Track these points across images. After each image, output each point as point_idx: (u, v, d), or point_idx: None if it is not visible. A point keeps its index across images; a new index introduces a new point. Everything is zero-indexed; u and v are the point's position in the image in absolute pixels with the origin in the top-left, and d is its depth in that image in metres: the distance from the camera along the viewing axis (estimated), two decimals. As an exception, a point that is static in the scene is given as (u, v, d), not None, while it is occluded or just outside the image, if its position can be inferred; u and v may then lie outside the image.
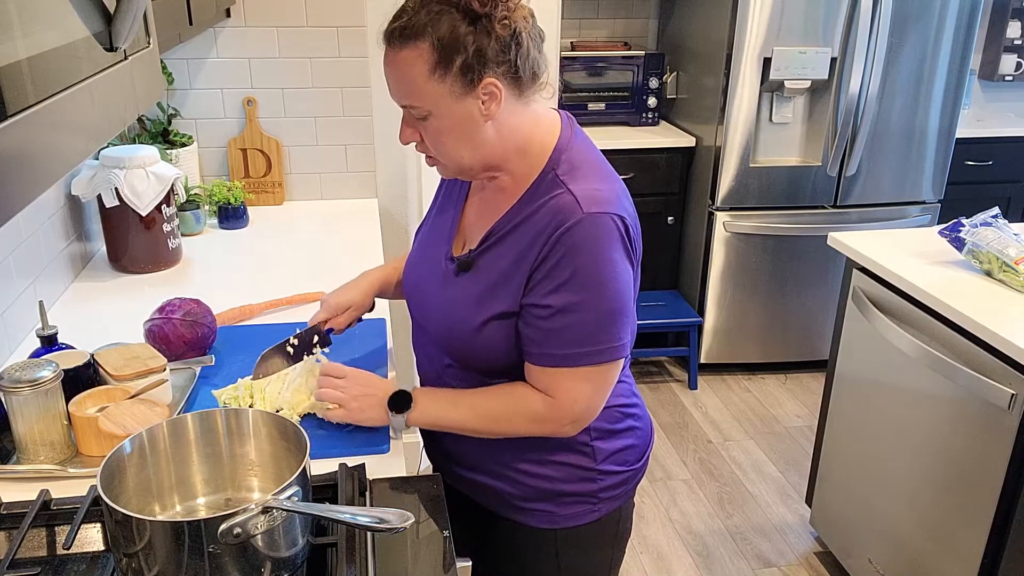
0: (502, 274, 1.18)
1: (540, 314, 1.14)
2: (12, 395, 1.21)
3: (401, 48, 1.09)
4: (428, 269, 1.30)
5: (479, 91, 1.10)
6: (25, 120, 0.67)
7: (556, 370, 1.16)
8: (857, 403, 2.26)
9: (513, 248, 1.17)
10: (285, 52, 2.40)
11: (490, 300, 1.19)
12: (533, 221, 1.16)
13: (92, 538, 1.11)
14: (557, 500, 1.31)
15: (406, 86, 1.11)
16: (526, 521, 1.33)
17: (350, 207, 2.53)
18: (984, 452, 1.81)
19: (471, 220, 1.28)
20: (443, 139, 1.14)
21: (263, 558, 0.95)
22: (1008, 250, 1.94)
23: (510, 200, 1.20)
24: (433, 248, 1.32)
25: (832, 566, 2.51)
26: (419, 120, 1.14)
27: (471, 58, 1.08)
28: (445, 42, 1.07)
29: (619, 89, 3.56)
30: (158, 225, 2.00)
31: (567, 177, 1.16)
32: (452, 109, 1.11)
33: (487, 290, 1.19)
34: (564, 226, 1.12)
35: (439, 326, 1.27)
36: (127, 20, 0.88)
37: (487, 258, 1.21)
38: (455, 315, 1.23)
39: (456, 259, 1.25)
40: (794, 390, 3.52)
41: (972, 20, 3.19)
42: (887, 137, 3.31)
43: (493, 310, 1.18)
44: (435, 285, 1.28)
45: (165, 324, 1.51)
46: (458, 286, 1.23)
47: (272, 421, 1.10)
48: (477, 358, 1.24)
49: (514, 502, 1.32)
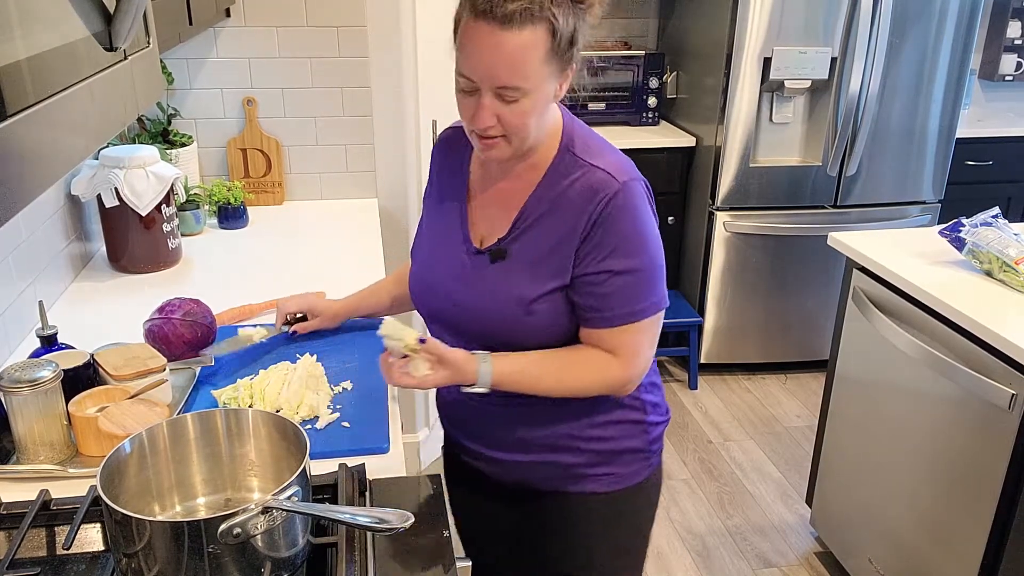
0: (545, 254, 1.21)
1: (597, 280, 1.20)
2: (12, 395, 1.21)
3: (521, 29, 1.08)
4: (447, 267, 1.30)
5: (567, 73, 1.16)
6: (25, 120, 0.67)
7: (619, 329, 1.22)
8: (857, 403, 2.26)
9: (552, 228, 1.21)
10: (285, 52, 2.40)
11: (537, 281, 1.22)
12: (568, 199, 1.20)
13: (92, 538, 1.11)
14: (618, 460, 1.35)
15: (518, 68, 1.10)
16: (588, 488, 1.35)
17: (350, 207, 2.53)
18: (984, 452, 1.81)
19: (486, 210, 1.29)
20: (527, 120, 1.15)
21: (263, 558, 0.95)
22: (1008, 250, 1.94)
23: (531, 183, 1.23)
24: (445, 246, 1.32)
25: (832, 566, 2.51)
26: (509, 103, 1.13)
27: (571, 42, 1.12)
28: (559, 26, 1.09)
29: (619, 89, 3.56)
30: (158, 225, 2.00)
31: (585, 154, 1.21)
32: (545, 90, 1.14)
33: (531, 272, 1.22)
34: (606, 198, 1.17)
35: (475, 318, 1.27)
36: (127, 20, 0.88)
37: (522, 243, 1.23)
38: (497, 303, 1.24)
39: (486, 250, 1.26)
40: (794, 390, 3.52)
41: (972, 20, 3.19)
42: (887, 137, 3.31)
43: (541, 289, 1.21)
44: (461, 281, 1.28)
45: (165, 324, 1.51)
46: (494, 275, 1.24)
47: (272, 421, 1.10)
48: (520, 342, 1.25)
49: (577, 472, 1.34)
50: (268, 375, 1.45)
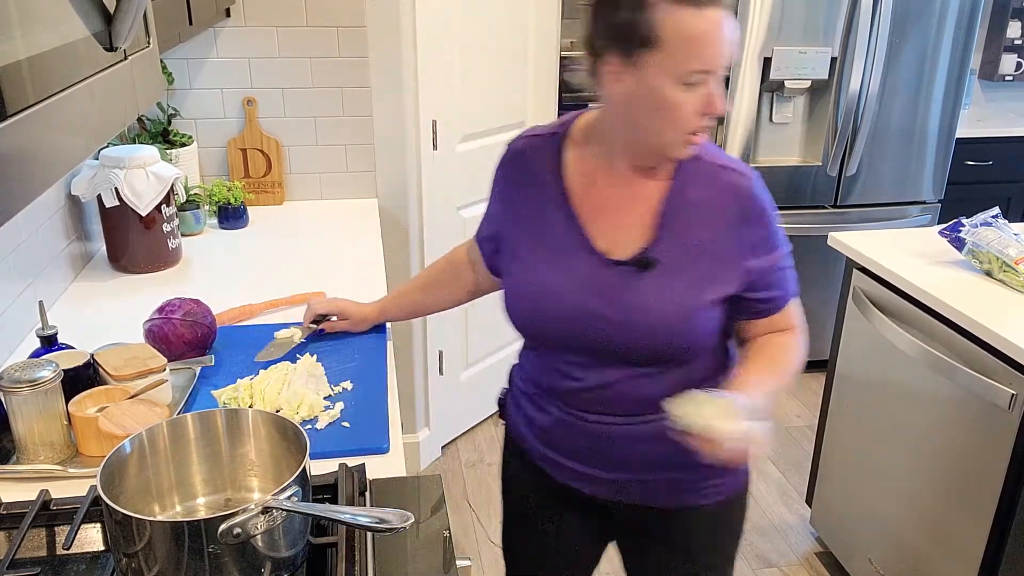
0: (697, 258, 1.19)
1: (771, 269, 1.23)
2: (12, 395, 1.21)
3: (726, 9, 1.09)
4: (578, 284, 1.22)
5: None
6: (25, 120, 0.67)
7: (791, 303, 1.29)
8: (857, 403, 2.26)
9: (699, 232, 1.19)
10: (285, 52, 2.40)
11: (696, 287, 1.20)
12: (710, 200, 1.20)
13: (92, 538, 1.11)
14: (723, 472, 1.32)
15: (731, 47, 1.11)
16: (700, 502, 1.34)
17: (350, 207, 2.53)
18: (984, 452, 1.81)
19: (605, 220, 1.23)
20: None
21: (263, 558, 0.95)
22: (1008, 250, 1.94)
23: (655, 189, 1.21)
24: (566, 262, 1.23)
25: (832, 566, 2.51)
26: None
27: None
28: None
29: (619, 89, 3.55)
30: (158, 225, 2.00)
31: (708, 155, 1.22)
32: None
33: (687, 278, 1.19)
34: (752, 194, 1.20)
35: (627, 333, 1.20)
36: (127, 20, 0.87)
37: (668, 250, 1.19)
38: (653, 315, 1.18)
39: (630, 261, 1.20)
40: (794, 390, 3.52)
41: (972, 20, 3.19)
42: (887, 137, 3.31)
43: (702, 294, 1.20)
44: (604, 297, 1.20)
45: (165, 324, 1.51)
46: (647, 286, 1.19)
47: (272, 421, 1.10)
48: (674, 351, 1.21)
49: (692, 486, 1.33)
50: (268, 375, 1.45)
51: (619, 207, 1.22)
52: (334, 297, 1.71)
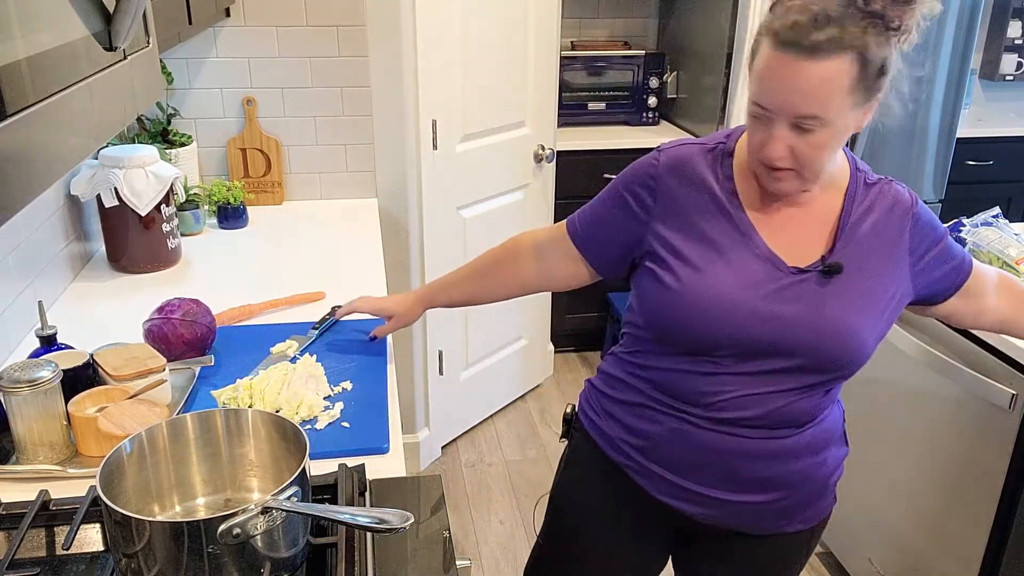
0: (875, 267, 1.23)
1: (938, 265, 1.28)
2: (11, 395, 1.21)
3: (828, 59, 1.04)
4: (758, 292, 1.20)
5: (870, 105, 1.12)
6: (24, 120, 0.67)
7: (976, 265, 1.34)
8: (857, 403, 2.26)
9: (874, 243, 1.23)
10: (285, 52, 2.40)
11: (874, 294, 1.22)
12: (876, 212, 1.24)
13: (91, 538, 1.11)
14: (821, 497, 1.33)
15: (820, 100, 1.07)
16: (793, 528, 1.33)
17: (350, 207, 2.53)
18: (984, 452, 1.81)
19: (781, 232, 1.23)
20: (823, 152, 1.12)
21: (263, 558, 0.95)
22: (1009, 250, 1.94)
23: (831, 205, 1.24)
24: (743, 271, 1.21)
25: (832, 566, 2.51)
26: (805, 132, 1.10)
27: (881, 71, 1.08)
28: (869, 57, 1.06)
29: (619, 89, 3.56)
30: (157, 225, 2.00)
31: (870, 173, 1.27)
32: (846, 121, 1.11)
33: (866, 285, 1.22)
34: (915, 209, 1.26)
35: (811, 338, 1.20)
36: (126, 20, 0.87)
37: (850, 255, 1.22)
38: (843, 320, 1.20)
39: (814, 268, 1.21)
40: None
41: (972, 20, 3.19)
42: (888, 137, 3.31)
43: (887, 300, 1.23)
44: (788, 304, 1.20)
45: (164, 324, 1.51)
46: (834, 291, 1.21)
47: (271, 421, 1.09)
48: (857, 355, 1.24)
49: (790, 511, 1.31)
50: (268, 375, 1.44)
51: (795, 222, 1.24)
52: (365, 297, 1.65)
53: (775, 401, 1.23)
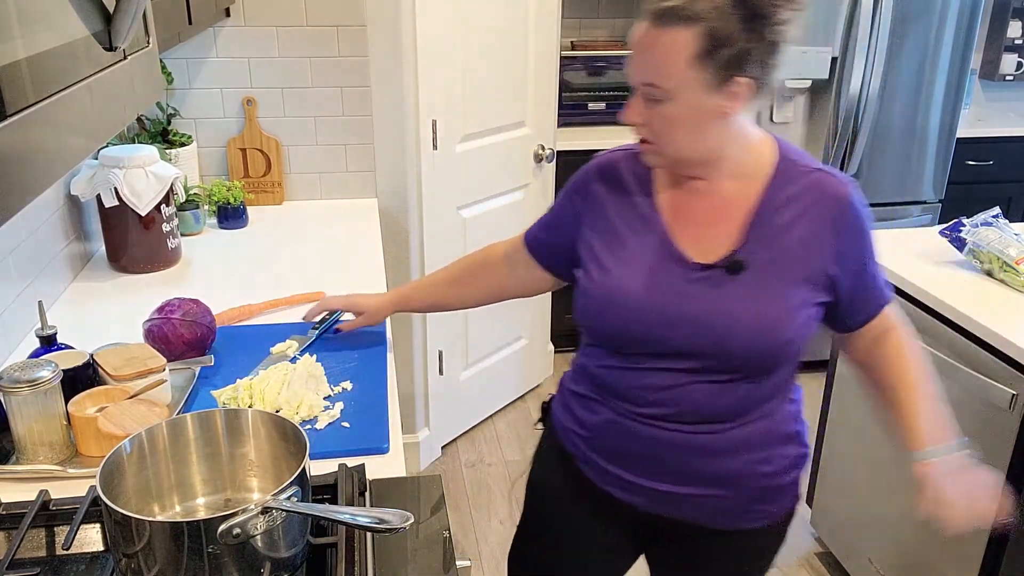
0: (793, 261, 1.19)
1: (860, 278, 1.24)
2: (11, 395, 1.21)
3: (668, 28, 1.09)
4: (664, 289, 1.22)
5: (728, 88, 1.12)
6: (24, 120, 0.67)
7: (890, 303, 1.31)
8: (857, 403, 2.26)
9: (794, 234, 1.19)
10: (285, 52, 2.40)
11: (789, 289, 1.19)
12: (801, 203, 1.20)
13: (91, 538, 1.11)
14: (774, 497, 1.32)
15: (659, 67, 1.11)
16: (742, 526, 1.33)
17: (350, 207, 2.53)
18: (985, 452, 1.81)
19: (692, 230, 1.23)
20: (673, 126, 1.15)
21: (262, 558, 0.95)
22: (1009, 250, 1.94)
23: (747, 197, 1.21)
24: (652, 268, 1.23)
25: (832, 566, 2.51)
26: (653, 102, 1.14)
27: (735, 55, 1.09)
28: (718, 33, 1.08)
29: (619, 89, 3.56)
30: (157, 225, 2.00)
31: (805, 162, 1.23)
32: (696, 99, 1.12)
33: (781, 281, 1.19)
34: (846, 201, 1.20)
35: (713, 336, 1.19)
36: (126, 20, 0.87)
37: (758, 251, 1.19)
38: (743, 318, 1.18)
39: (717, 264, 1.20)
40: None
41: (972, 20, 3.19)
42: (888, 137, 3.31)
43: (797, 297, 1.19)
44: (691, 301, 1.20)
45: (164, 324, 1.51)
46: (737, 288, 1.19)
47: (271, 421, 1.09)
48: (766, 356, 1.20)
49: (738, 507, 1.30)
50: (268, 375, 1.44)
51: (708, 216, 1.23)
52: (349, 293, 1.67)
53: (694, 397, 1.23)
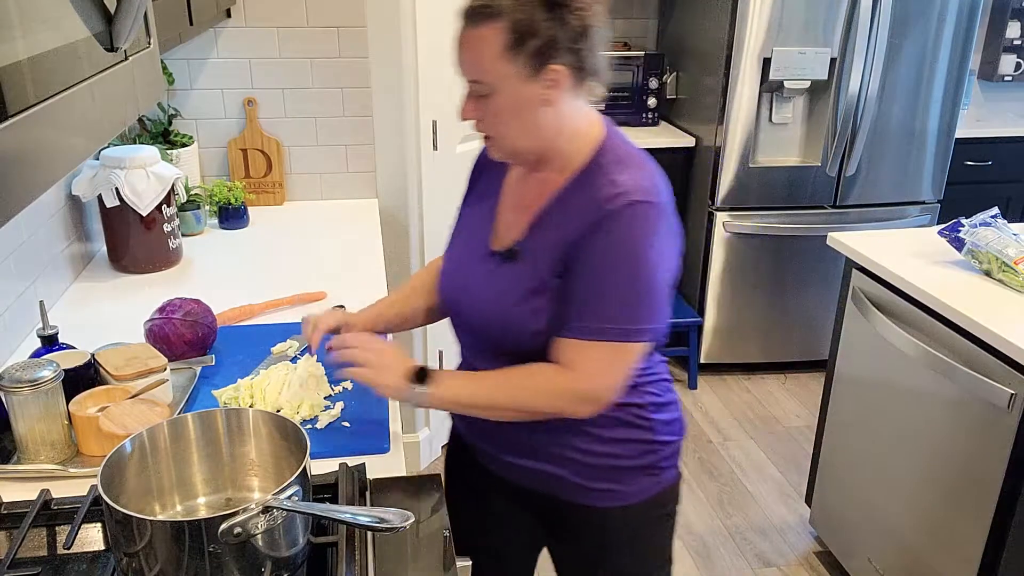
0: (550, 258, 1.22)
1: (576, 286, 1.20)
2: (13, 395, 1.21)
3: (478, 26, 1.14)
4: (469, 269, 1.32)
5: (544, 76, 1.16)
6: (25, 120, 0.67)
7: (581, 343, 1.19)
8: (857, 403, 2.26)
9: (556, 232, 1.22)
10: (285, 52, 2.40)
11: (535, 283, 1.23)
12: (578, 207, 1.20)
13: (92, 538, 1.11)
14: (622, 478, 1.34)
15: (477, 63, 1.17)
16: (593, 502, 1.35)
17: (350, 207, 2.53)
18: (984, 452, 1.81)
19: (509, 214, 1.31)
20: (502, 119, 1.20)
21: (263, 558, 0.96)
22: (1007, 250, 1.95)
23: (554, 190, 1.25)
24: (470, 248, 1.34)
25: (832, 566, 2.52)
26: (482, 97, 1.18)
27: (543, 44, 1.14)
28: (521, 25, 1.13)
29: (619, 89, 3.56)
30: (158, 225, 2.00)
31: (613, 167, 1.21)
32: (516, 90, 1.17)
33: (532, 274, 1.23)
34: (610, 208, 1.16)
35: (487, 323, 1.28)
36: (127, 20, 0.88)
37: (531, 245, 1.24)
38: (504, 307, 1.25)
39: (501, 251, 1.27)
40: (794, 390, 3.52)
41: (972, 20, 3.19)
42: (887, 137, 3.32)
43: (539, 291, 1.22)
44: (477, 282, 1.30)
45: (165, 324, 1.52)
46: (503, 278, 1.26)
47: (272, 421, 1.10)
48: (528, 348, 1.24)
49: (578, 484, 1.34)
50: (268, 375, 1.45)
51: (521, 204, 1.29)
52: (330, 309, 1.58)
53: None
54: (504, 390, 1.25)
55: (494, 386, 1.25)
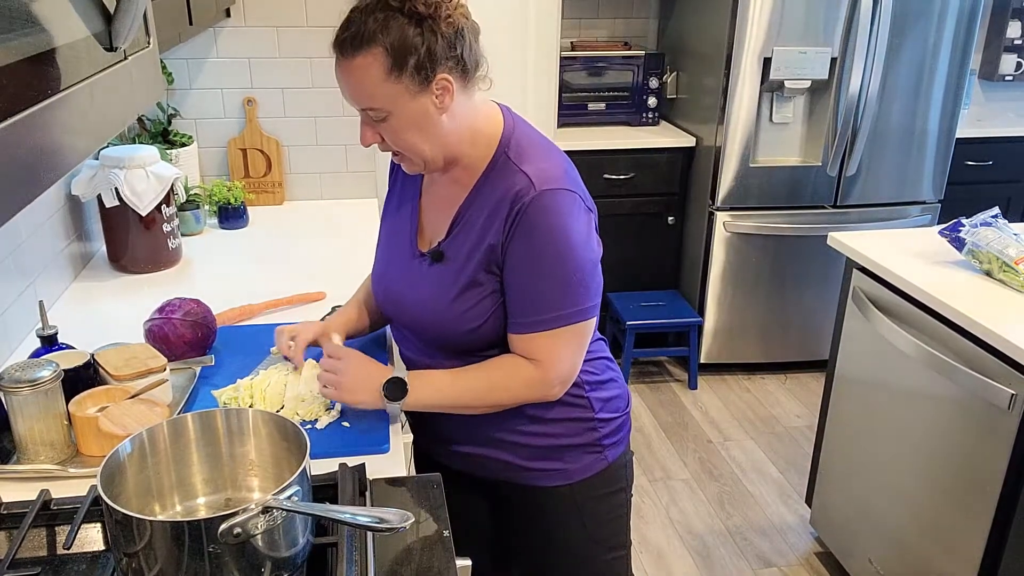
0: (474, 255, 1.26)
1: (512, 285, 1.25)
2: (12, 395, 1.21)
3: (355, 56, 1.16)
4: (398, 270, 1.37)
5: (433, 87, 1.18)
6: (25, 120, 0.67)
7: (536, 335, 1.26)
8: (857, 403, 2.26)
9: (481, 230, 1.25)
10: (285, 52, 2.40)
11: (465, 282, 1.26)
12: (492, 202, 1.24)
13: (92, 538, 1.11)
14: (564, 456, 1.38)
15: (364, 91, 1.18)
16: (538, 482, 1.39)
17: (350, 207, 2.53)
18: (984, 452, 1.81)
19: (430, 214, 1.35)
20: (404, 136, 1.22)
21: (263, 558, 0.96)
22: (1008, 250, 1.94)
23: (466, 188, 1.28)
24: (398, 250, 1.38)
25: (832, 566, 2.51)
26: (379, 122, 1.21)
27: (423, 58, 1.15)
28: (396, 45, 1.14)
29: (619, 89, 3.56)
30: (158, 225, 2.00)
31: (518, 159, 1.25)
32: (409, 107, 1.19)
33: (461, 274, 1.27)
34: (522, 204, 1.21)
35: (423, 323, 1.33)
36: (127, 20, 0.88)
37: (455, 244, 1.28)
38: (438, 307, 1.29)
39: (427, 253, 1.31)
40: (794, 390, 3.52)
41: (972, 20, 3.19)
42: (887, 137, 3.31)
43: (470, 290, 1.26)
44: (408, 283, 1.34)
45: (165, 324, 1.52)
46: (434, 278, 1.30)
47: (272, 421, 1.10)
48: (465, 343, 1.30)
49: (521, 466, 1.38)
50: (268, 375, 1.45)
51: (440, 204, 1.32)
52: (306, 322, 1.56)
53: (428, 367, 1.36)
54: (476, 391, 1.30)
55: (466, 388, 1.30)
